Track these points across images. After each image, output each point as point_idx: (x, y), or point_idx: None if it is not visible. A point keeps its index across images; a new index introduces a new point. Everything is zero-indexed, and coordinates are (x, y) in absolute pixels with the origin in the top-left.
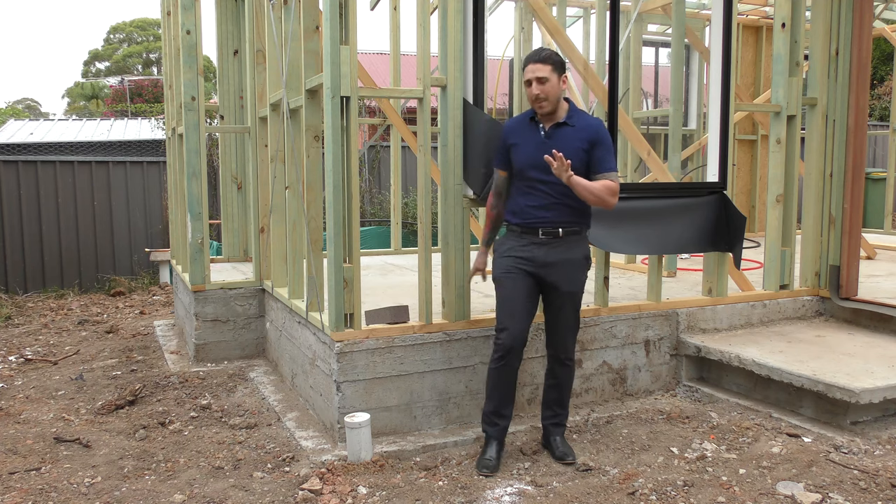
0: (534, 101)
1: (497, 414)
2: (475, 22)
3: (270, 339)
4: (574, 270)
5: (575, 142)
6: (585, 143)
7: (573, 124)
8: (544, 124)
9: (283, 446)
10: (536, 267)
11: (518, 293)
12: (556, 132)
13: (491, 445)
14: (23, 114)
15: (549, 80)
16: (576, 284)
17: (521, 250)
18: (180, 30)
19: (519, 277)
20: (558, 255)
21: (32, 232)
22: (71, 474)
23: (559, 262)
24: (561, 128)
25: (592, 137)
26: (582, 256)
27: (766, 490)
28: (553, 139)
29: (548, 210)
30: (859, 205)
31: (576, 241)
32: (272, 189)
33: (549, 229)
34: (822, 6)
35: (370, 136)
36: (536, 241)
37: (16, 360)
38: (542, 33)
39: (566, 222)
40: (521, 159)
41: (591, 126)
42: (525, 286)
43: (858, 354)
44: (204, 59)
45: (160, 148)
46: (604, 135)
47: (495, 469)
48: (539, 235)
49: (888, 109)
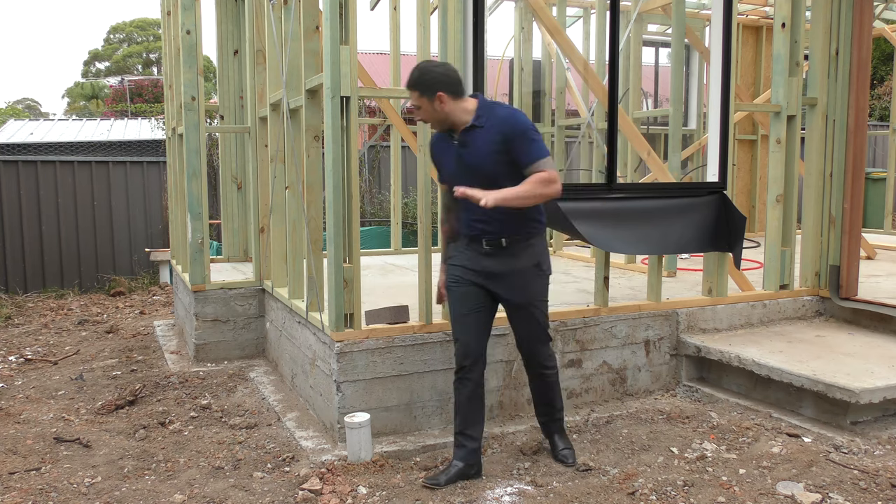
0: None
1: (463, 434)
2: (475, 22)
3: (270, 339)
4: (522, 280)
5: (488, 144)
6: (499, 143)
7: (482, 125)
8: (455, 133)
9: (283, 446)
10: (483, 278)
11: (467, 304)
12: (468, 138)
13: (455, 467)
14: (23, 114)
15: (421, 107)
16: (527, 295)
17: (468, 260)
18: (180, 30)
19: (466, 288)
20: (504, 265)
21: (32, 232)
22: (71, 474)
23: (505, 273)
24: (471, 132)
25: (505, 133)
26: (531, 265)
27: (766, 490)
28: (467, 147)
29: (488, 223)
30: (859, 205)
31: (523, 250)
32: (272, 189)
33: (492, 240)
34: (822, 6)
35: (370, 136)
36: (482, 251)
37: (16, 360)
38: (542, 33)
39: (508, 232)
40: (445, 177)
41: (502, 120)
42: (473, 296)
43: (858, 354)
44: (204, 59)
45: (160, 148)
46: (518, 125)
47: (439, 487)
48: (483, 246)
49: (888, 109)
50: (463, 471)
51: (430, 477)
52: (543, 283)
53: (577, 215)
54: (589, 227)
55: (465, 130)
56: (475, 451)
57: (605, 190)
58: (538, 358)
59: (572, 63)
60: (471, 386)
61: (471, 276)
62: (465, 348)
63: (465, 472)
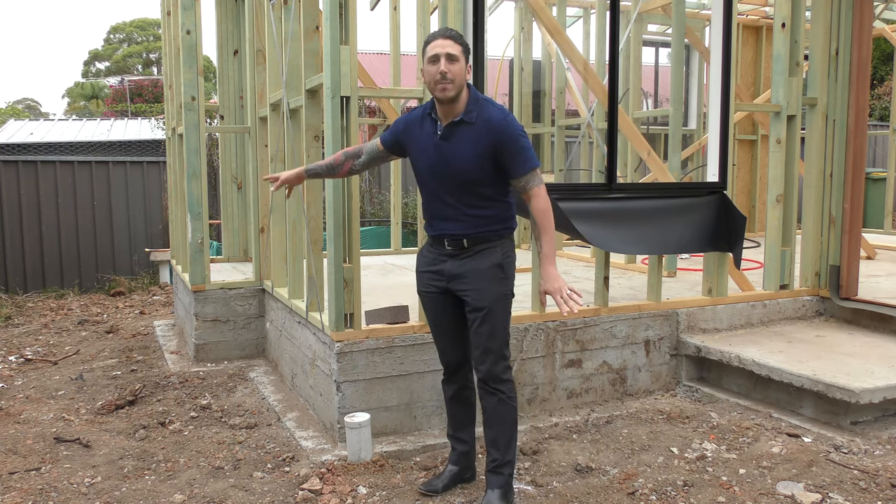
0: (438, 81)
1: (453, 437)
2: (475, 22)
3: (270, 339)
4: (480, 281)
5: (475, 146)
6: (487, 146)
7: (472, 121)
8: (442, 119)
9: (283, 446)
10: (447, 280)
11: (440, 312)
12: (454, 132)
13: (449, 471)
14: (23, 114)
15: (458, 61)
16: (485, 299)
17: (433, 264)
18: (180, 30)
19: (435, 296)
20: (465, 266)
21: (32, 232)
22: (71, 474)
23: (465, 274)
24: (458, 127)
25: (494, 137)
26: (490, 264)
27: (766, 490)
28: (450, 141)
29: (452, 221)
30: (859, 205)
31: (485, 251)
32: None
33: (454, 240)
34: (822, 6)
35: (370, 136)
36: (444, 252)
37: (16, 360)
38: (542, 33)
39: (472, 232)
40: (420, 164)
41: (493, 122)
42: (445, 304)
43: (858, 354)
44: (204, 59)
45: (160, 148)
46: (508, 130)
47: (437, 494)
48: (446, 247)
49: (888, 109)
50: (458, 475)
51: (426, 483)
52: (505, 288)
53: (577, 215)
54: (589, 227)
55: (453, 124)
56: (466, 453)
57: (605, 190)
58: (489, 373)
59: (572, 63)
60: (455, 388)
61: (436, 280)
62: (444, 356)
63: (460, 475)
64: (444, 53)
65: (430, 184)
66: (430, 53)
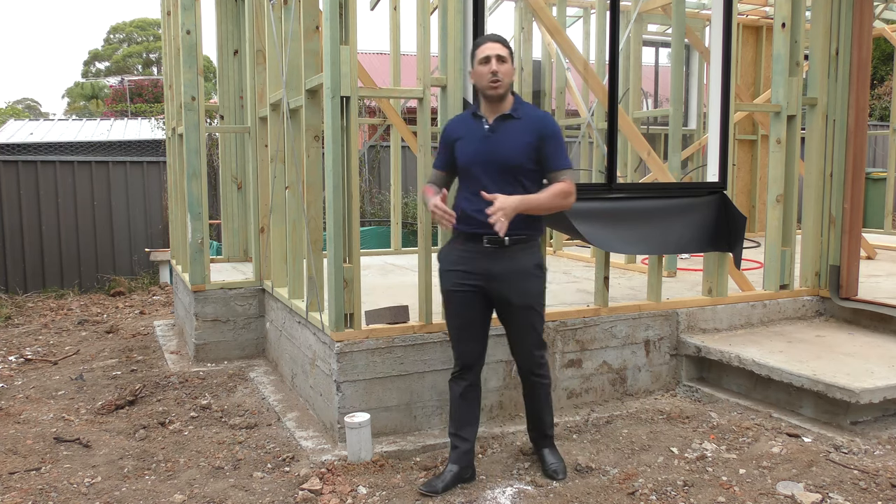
0: (489, 80)
1: (456, 435)
2: (475, 22)
3: (270, 339)
4: (523, 281)
5: (522, 135)
6: (534, 136)
7: (519, 116)
8: (488, 117)
9: (283, 446)
10: (482, 279)
11: (467, 311)
12: (501, 125)
13: (449, 471)
14: (23, 114)
15: (506, 62)
16: (529, 297)
17: (465, 262)
18: (180, 30)
19: (465, 293)
20: (504, 265)
21: (32, 232)
22: (71, 474)
23: (506, 274)
24: (506, 121)
25: (541, 131)
26: (532, 265)
27: (766, 490)
28: (497, 132)
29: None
30: (859, 205)
31: (523, 250)
32: (272, 189)
33: (495, 237)
34: (822, 6)
35: (370, 136)
36: (481, 250)
37: (16, 360)
38: (542, 33)
39: (512, 230)
40: (466, 155)
41: (539, 118)
42: (472, 302)
43: (858, 354)
44: (204, 59)
45: (160, 148)
46: (553, 127)
47: (437, 494)
48: (483, 244)
49: (888, 109)
50: (458, 474)
51: (426, 484)
52: (543, 285)
53: (577, 215)
54: (589, 227)
55: (501, 118)
56: (468, 452)
57: (605, 190)
58: (534, 363)
59: (572, 63)
60: (465, 385)
61: (471, 279)
62: (466, 356)
63: (460, 475)
64: (495, 55)
65: (473, 174)
66: (481, 56)
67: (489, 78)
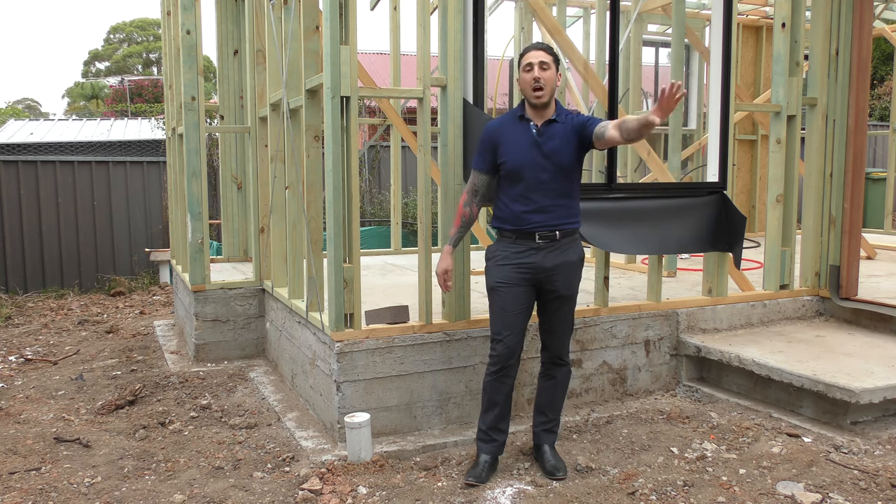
0: (532, 87)
1: (495, 429)
2: (475, 22)
3: (270, 339)
4: (572, 273)
5: (567, 136)
6: (574, 137)
7: (562, 121)
8: (535, 122)
9: (283, 446)
10: (535, 273)
11: (516, 304)
12: (548, 130)
13: (484, 460)
14: (23, 114)
15: (549, 68)
16: (573, 287)
17: (517, 257)
18: (180, 30)
19: (517, 287)
20: (556, 258)
21: (32, 232)
22: (71, 474)
23: (558, 266)
24: (552, 125)
25: (574, 123)
26: (578, 258)
27: (766, 490)
28: (545, 136)
29: (544, 213)
30: (859, 205)
31: (570, 243)
32: (272, 189)
33: (546, 233)
34: (822, 6)
35: (370, 136)
36: (534, 245)
37: (16, 360)
38: (542, 33)
39: (562, 224)
40: (515, 160)
41: (573, 117)
42: (522, 296)
43: (858, 354)
44: (204, 59)
45: (160, 148)
46: (579, 114)
47: (484, 481)
48: (536, 240)
49: (888, 109)
50: (493, 464)
51: (471, 473)
52: (581, 275)
53: None
54: (589, 227)
55: (548, 123)
56: (504, 443)
57: (605, 190)
58: (564, 350)
59: (572, 63)
60: (511, 381)
61: (523, 272)
62: (512, 349)
63: (494, 465)
64: (538, 62)
65: (525, 177)
66: (525, 63)
67: (532, 85)
